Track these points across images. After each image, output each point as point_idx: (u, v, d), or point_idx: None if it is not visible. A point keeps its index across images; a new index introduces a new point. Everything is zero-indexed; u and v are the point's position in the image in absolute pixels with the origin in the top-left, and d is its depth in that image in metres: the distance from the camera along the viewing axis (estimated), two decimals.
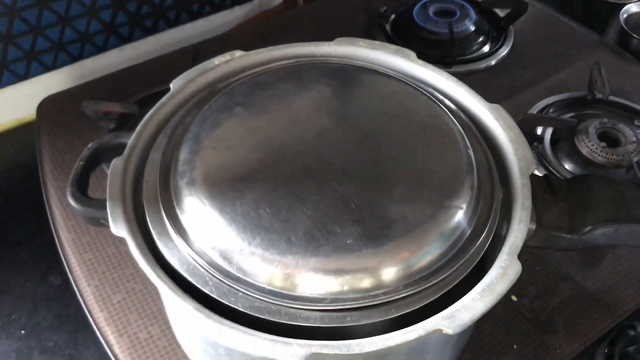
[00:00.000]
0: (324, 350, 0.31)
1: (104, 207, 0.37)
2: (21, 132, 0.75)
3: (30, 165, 0.68)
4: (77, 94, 0.72)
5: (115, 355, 0.50)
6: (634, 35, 0.77)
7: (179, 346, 0.50)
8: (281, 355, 0.31)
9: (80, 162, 0.40)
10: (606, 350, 0.53)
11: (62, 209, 0.60)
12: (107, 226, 0.37)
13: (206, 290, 0.35)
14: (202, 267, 0.36)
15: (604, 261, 0.57)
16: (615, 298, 0.54)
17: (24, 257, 0.63)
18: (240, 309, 0.34)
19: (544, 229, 0.40)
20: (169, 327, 0.51)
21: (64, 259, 0.57)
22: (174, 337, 0.51)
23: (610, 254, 0.57)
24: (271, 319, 0.34)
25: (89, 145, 0.41)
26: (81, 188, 0.39)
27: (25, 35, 0.71)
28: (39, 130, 0.68)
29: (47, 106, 0.70)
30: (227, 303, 0.34)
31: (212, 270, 0.35)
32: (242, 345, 0.32)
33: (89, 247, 0.57)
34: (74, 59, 0.77)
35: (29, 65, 0.74)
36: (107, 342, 0.51)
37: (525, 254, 0.37)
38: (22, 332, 0.57)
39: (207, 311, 0.33)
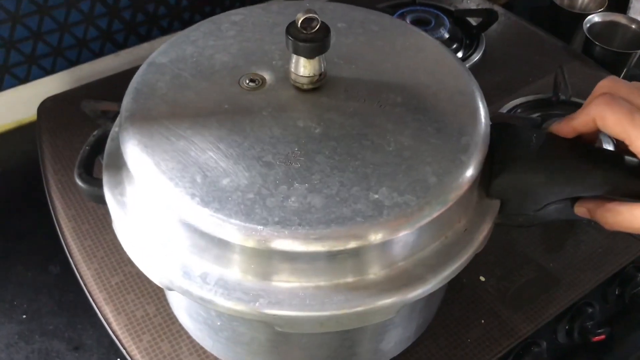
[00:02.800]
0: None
1: None
2: (21, 133, 0.79)
3: (29, 163, 0.72)
4: (75, 95, 0.76)
5: (114, 332, 0.54)
6: (596, 42, 0.83)
7: (172, 322, 0.54)
8: None
9: (87, 147, 0.44)
10: (567, 326, 0.58)
11: (62, 200, 0.64)
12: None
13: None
14: None
15: (566, 245, 0.61)
16: (575, 278, 0.59)
17: (25, 248, 0.66)
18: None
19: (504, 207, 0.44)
20: (163, 306, 0.55)
21: (65, 245, 0.60)
22: (168, 315, 0.55)
23: (571, 239, 0.62)
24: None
25: (94, 133, 0.45)
26: (87, 170, 0.43)
27: (27, 40, 0.75)
28: (40, 128, 0.72)
29: (48, 107, 0.75)
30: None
31: None
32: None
33: (88, 234, 0.61)
34: (71, 63, 0.81)
35: (29, 69, 0.78)
36: (106, 320, 0.55)
37: (493, 239, 0.42)
38: (24, 316, 0.60)
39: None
